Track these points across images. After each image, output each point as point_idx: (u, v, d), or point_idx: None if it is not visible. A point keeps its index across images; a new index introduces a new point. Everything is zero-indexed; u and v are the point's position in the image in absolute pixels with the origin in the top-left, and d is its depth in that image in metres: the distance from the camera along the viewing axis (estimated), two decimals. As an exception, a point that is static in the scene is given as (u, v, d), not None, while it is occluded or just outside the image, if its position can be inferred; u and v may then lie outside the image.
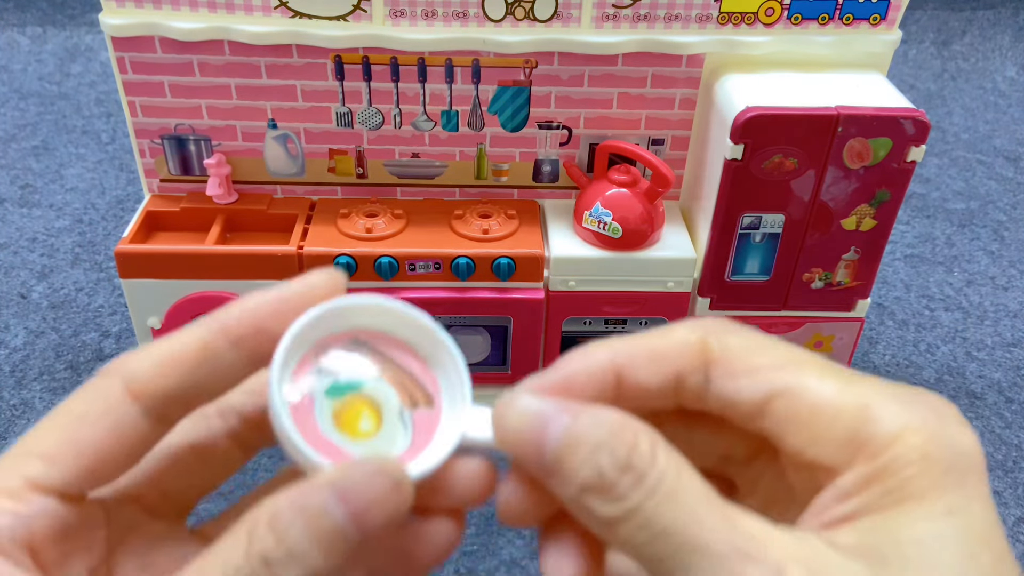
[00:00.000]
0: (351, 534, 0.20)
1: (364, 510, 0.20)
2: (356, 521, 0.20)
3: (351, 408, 0.23)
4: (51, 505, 0.22)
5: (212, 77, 0.55)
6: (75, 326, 0.69)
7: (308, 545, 0.20)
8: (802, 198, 0.53)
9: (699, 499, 0.20)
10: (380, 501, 0.20)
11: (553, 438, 0.21)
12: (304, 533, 0.20)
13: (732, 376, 0.22)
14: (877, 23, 0.54)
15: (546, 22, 0.53)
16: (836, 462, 0.20)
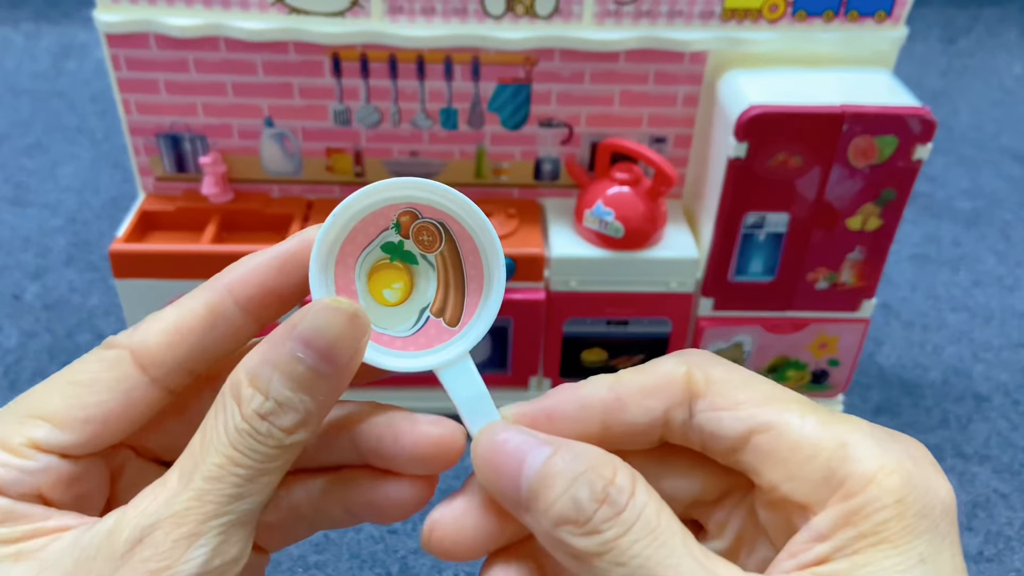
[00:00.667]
0: (326, 371, 0.21)
1: (329, 347, 0.21)
2: (326, 359, 0.21)
3: (390, 273, 0.24)
4: (54, 461, 0.23)
5: (207, 74, 0.54)
6: (69, 327, 0.68)
7: (291, 393, 0.21)
8: (807, 197, 0.52)
9: (675, 539, 0.20)
10: (341, 336, 0.22)
11: (530, 470, 0.21)
12: (284, 383, 0.21)
13: (715, 409, 0.22)
14: (883, 19, 0.54)
15: (547, 19, 0.53)
16: (812, 500, 0.21)
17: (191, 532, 0.20)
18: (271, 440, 0.21)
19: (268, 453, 0.21)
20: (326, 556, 0.52)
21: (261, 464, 0.21)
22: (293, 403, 0.21)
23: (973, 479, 0.58)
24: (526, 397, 0.61)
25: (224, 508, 0.21)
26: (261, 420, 0.21)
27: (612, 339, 0.59)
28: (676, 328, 0.58)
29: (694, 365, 0.23)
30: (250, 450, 0.21)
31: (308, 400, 0.21)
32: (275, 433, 0.21)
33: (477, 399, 0.24)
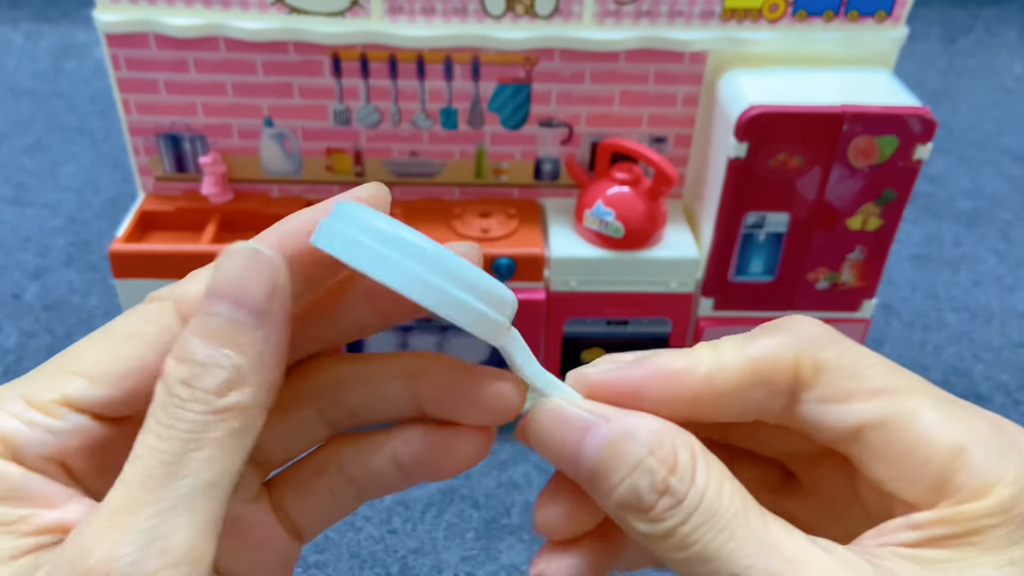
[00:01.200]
0: (244, 319, 0.20)
1: (238, 292, 0.20)
2: (239, 305, 0.20)
3: None
4: (84, 423, 0.21)
5: (207, 74, 0.54)
6: (68, 327, 0.68)
7: (212, 350, 0.19)
8: (807, 197, 0.52)
9: (737, 520, 0.19)
10: (246, 276, 0.20)
11: (589, 453, 0.20)
12: (204, 343, 0.19)
13: (823, 401, 0.21)
14: (883, 19, 0.54)
15: (547, 18, 0.53)
16: (919, 501, 0.20)
17: (119, 526, 0.18)
18: (196, 404, 0.19)
19: (196, 420, 0.19)
20: (326, 556, 0.52)
21: (190, 435, 0.19)
22: (217, 360, 0.19)
23: (973, 479, 0.58)
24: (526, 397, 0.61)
25: (155, 492, 0.19)
26: (185, 386, 0.19)
27: (612, 339, 0.59)
28: (676, 328, 0.58)
29: (804, 350, 0.21)
30: (175, 420, 0.19)
31: (233, 355, 0.20)
32: (199, 396, 0.19)
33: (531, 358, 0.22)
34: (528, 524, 0.55)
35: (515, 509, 0.55)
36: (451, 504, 0.55)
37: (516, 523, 0.55)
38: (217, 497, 0.19)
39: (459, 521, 0.55)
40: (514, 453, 0.59)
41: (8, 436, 0.20)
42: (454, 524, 0.54)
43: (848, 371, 0.21)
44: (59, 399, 0.21)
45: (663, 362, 0.21)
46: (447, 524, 0.54)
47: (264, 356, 0.20)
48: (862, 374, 0.21)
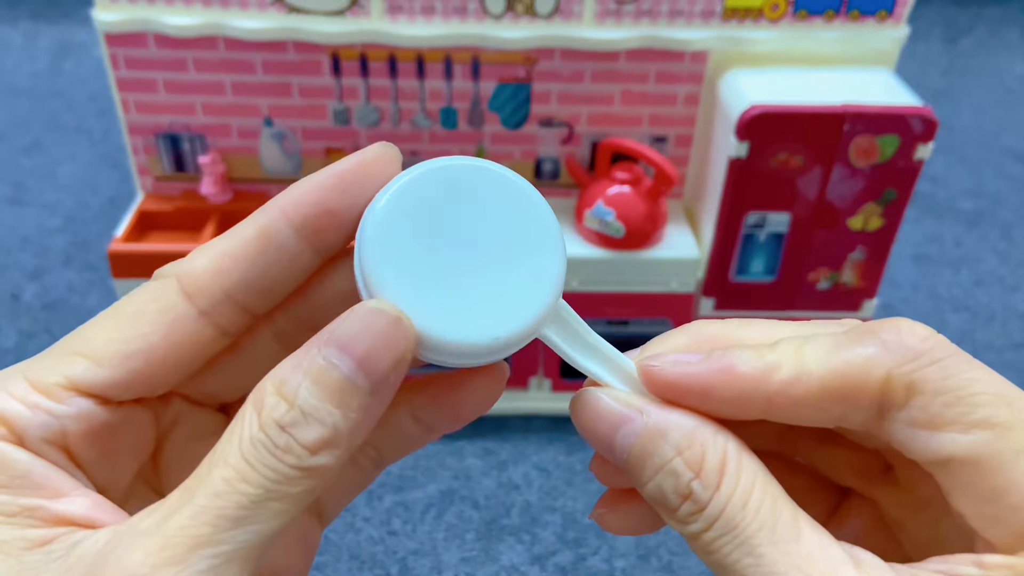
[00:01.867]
0: (361, 383, 0.19)
1: (367, 355, 0.19)
2: (363, 369, 0.19)
3: None
4: (88, 407, 0.20)
5: (206, 74, 0.54)
6: (67, 327, 0.67)
7: (319, 403, 0.18)
8: (808, 197, 0.52)
9: (762, 535, 0.18)
10: (383, 344, 0.19)
11: (621, 447, 0.20)
12: (313, 391, 0.18)
13: (912, 425, 0.19)
14: (884, 19, 0.53)
15: (547, 18, 0.52)
16: (999, 543, 0.18)
17: (175, 558, 0.17)
18: (289, 456, 0.18)
19: (284, 472, 0.18)
20: (326, 557, 0.52)
21: (274, 484, 0.18)
22: (320, 415, 0.18)
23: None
24: (526, 397, 0.61)
25: (221, 534, 0.18)
26: (281, 431, 0.18)
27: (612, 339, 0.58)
28: (677, 328, 0.58)
29: (898, 367, 0.19)
30: (263, 464, 0.18)
31: (338, 415, 0.19)
32: (295, 448, 0.18)
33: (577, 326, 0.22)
34: (527, 525, 0.55)
35: (515, 510, 0.55)
36: (451, 505, 0.55)
37: (516, 523, 0.55)
38: (272, 547, 0.19)
39: (459, 522, 0.54)
40: (515, 453, 0.59)
41: (11, 418, 0.19)
42: (454, 525, 0.54)
43: (948, 396, 0.18)
44: (63, 381, 0.20)
45: (737, 363, 0.20)
46: (447, 525, 0.54)
47: (362, 425, 0.19)
48: (964, 401, 0.18)
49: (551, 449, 0.59)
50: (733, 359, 0.20)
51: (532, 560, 0.53)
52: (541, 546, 0.53)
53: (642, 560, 0.52)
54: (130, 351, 0.20)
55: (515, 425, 0.61)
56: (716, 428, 0.20)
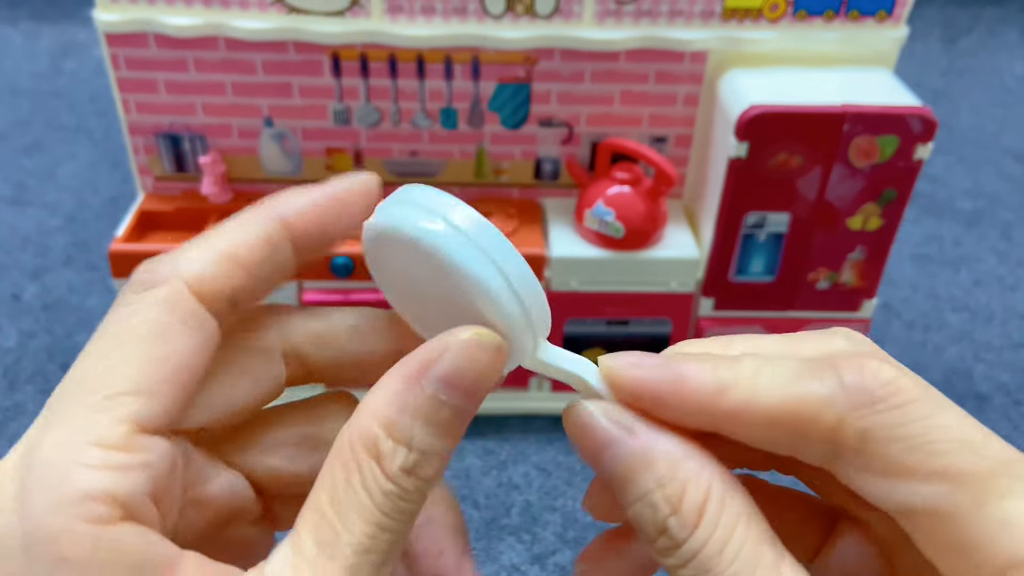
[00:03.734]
0: (471, 409, 0.19)
1: (475, 387, 0.19)
2: (471, 398, 0.19)
3: None
4: (161, 446, 0.18)
5: (207, 74, 0.54)
6: (68, 327, 0.68)
7: (435, 439, 0.19)
8: (807, 197, 0.52)
9: None
10: (488, 374, 0.19)
11: (606, 467, 0.20)
12: (428, 431, 0.18)
13: (867, 471, 0.18)
14: (884, 19, 0.54)
15: (547, 18, 0.53)
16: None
17: None
18: (419, 495, 0.19)
19: (414, 511, 0.19)
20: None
21: (407, 524, 0.19)
22: (436, 450, 0.19)
23: (974, 479, 0.58)
24: (526, 397, 0.61)
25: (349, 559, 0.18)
26: (408, 476, 0.18)
27: (612, 339, 0.59)
28: (676, 328, 0.58)
29: (852, 411, 0.18)
30: (399, 512, 0.18)
31: (450, 444, 0.19)
32: (421, 487, 0.19)
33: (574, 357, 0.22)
34: (528, 524, 0.55)
35: (515, 509, 0.55)
36: (451, 504, 0.55)
37: (516, 523, 0.55)
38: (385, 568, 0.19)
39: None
40: (514, 453, 0.59)
41: (113, 493, 0.17)
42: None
43: (906, 443, 0.17)
44: (129, 428, 0.18)
45: (689, 374, 0.19)
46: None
47: (456, 441, 0.19)
48: (923, 448, 0.17)
49: (551, 449, 0.59)
50: (685, 370, 0.19)
51: (532, 560, 0.53)
52: (541, 546, 0.53)
53: (642, 559, 0.52)
54: (169, 374, 0.19)
55: (515, 425, 0.62)
56: (704, 460, 0.19)
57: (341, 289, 0.55)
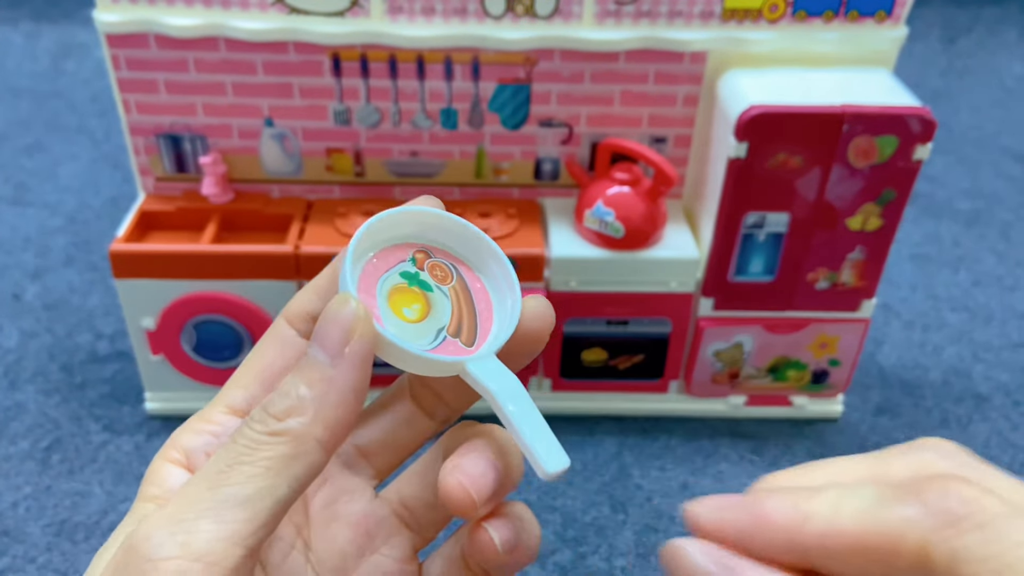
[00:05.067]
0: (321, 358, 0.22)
1: (321, 336, 0.23)
2: (319, 343, 0.23)
3: (408, 295, 0.26)
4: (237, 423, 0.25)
5: (207, 74, 0.54)
6: (69, 327, 0.68)
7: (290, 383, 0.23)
8: (807, 197, 0.52)
9: None
10: (334, 320, 0.23)
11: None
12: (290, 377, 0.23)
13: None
14: (883, 19, 0.54)
15: (547, 19, 0.53)
16: None
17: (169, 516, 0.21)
18: (258, 425, 0.22)
19: (254, 437, 0.22)
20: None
21: (245, 448, 0.22)
22: (288, 390, 0.22)
23: (973, 479, 0.58)
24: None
25: (201, 495, 0.21)
26: (259, 409, 0.23)
27: (612, 339, 0.59)
28: (676, 328, 0.58)
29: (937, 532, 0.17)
30: (239, 435, 0.22)
31: (302, 387, 0.22)
32: (263, 417, 0.22)
33: (513, 387, 0.24)
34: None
35: (515, 509, 0.55)
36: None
37: (516, 523, 0.55)
38: (252, 513, 0.21)
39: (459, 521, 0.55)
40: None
41: (183, 444, 0.25)
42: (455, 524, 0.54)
43: (993, 564, 0.17)
44: (223, 408, 0.25)
45: (771, 510, 0.20)
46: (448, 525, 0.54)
47: (329, 395, 0.22)
48: (1012, 567, 0.17)
49: (551, 448, 0.59)
50: (767, 507, 0.20)
51: (532, 559, 0.53)
52: (541, 545, 0.53)
53: (642, 559, 0.52)
54: (257, 373, 0.26)
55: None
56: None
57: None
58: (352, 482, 0.28)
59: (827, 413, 0.63)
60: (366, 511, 0.28)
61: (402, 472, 0.29)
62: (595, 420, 0.62)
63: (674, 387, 0.62)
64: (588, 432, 0.61)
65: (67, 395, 0.62)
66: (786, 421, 0.63)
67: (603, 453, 0.59)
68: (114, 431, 0.59)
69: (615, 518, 0.55)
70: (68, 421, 0.60)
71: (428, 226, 0.27)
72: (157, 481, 0.24)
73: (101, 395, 0.62)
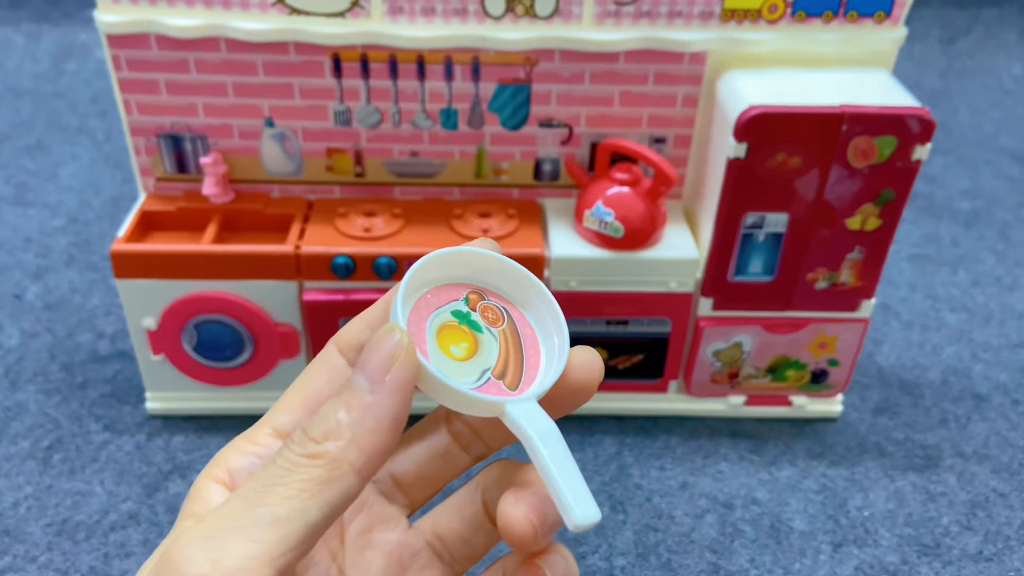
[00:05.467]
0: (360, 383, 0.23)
1: (363, 362, 0.23)
2: (361, 371, 0.23)
3: (457, 334, 0.26)
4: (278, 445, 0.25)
5: (208, 75, 0.54)
6: (70, 327, 0.68)
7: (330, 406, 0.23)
8: (806, 197, 0.52)
9: None
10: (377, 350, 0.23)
11: None
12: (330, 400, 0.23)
13: None
14: (882, 20, 0.54)
15: (547, 19, 0.53)
16: None
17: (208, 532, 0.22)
18: (297, 447, 0.22)
19: (291, 459, 0.22)
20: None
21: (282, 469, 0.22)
22: (328, 414, 0.23)
23: (972, 479, 0.58)
24: (526, 397, 0.61)
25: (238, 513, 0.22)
26: (300, 431, 0.23)
27: (612, 339, 0.59)
28: (676, 328, 0.58)
29: None
30: (278, 455, 0.23)
31: (342, 412, 0.23)
32: (302, 439, 0.23)
33: (551, 433, 0.25)
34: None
35: (515, 508, 0.56)
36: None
37: (516, 522, 0.55)
38: (282, 535, 0.21)
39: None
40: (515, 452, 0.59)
41: (229, 465, 0.25)
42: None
43: None
44: (268, 431, 0.26)
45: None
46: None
47: (366, 421, 0.22)
48: None
49: (551, 448, 0.59)
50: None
51: (532, 558, 0.53)
52: (541, 544, 0.53)
53: (641, 559, 0.52)
54: (305, 399, 0.26)
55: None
56: None
57: (342, 289, 0.55)
58: (388, 511, 0.28)
59: (826, 413, 0.63)
60: (401, 541, 0.28)
61: (437, 504, 0.30)
62: (595, 420, 0.62)
63: (674, 387, 0.62)
64: (588, 431, 0.61)
65: (68, 395, 0.62)
66: (785, 421, 0.63)
67: (603, 453, 0.59)
68: (115, 431, 0.59)
69: (615, 518, 0.55)
70: (69, 421, 0.60)
71: (483, 268, 0.28)
72: (200, 499, 0.25)
73: (102, 395, 0.62)
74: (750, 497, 0.56)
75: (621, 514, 0.55)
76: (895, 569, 0.52)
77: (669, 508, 0.55)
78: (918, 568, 0.52)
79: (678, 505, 0.56)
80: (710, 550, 0.53)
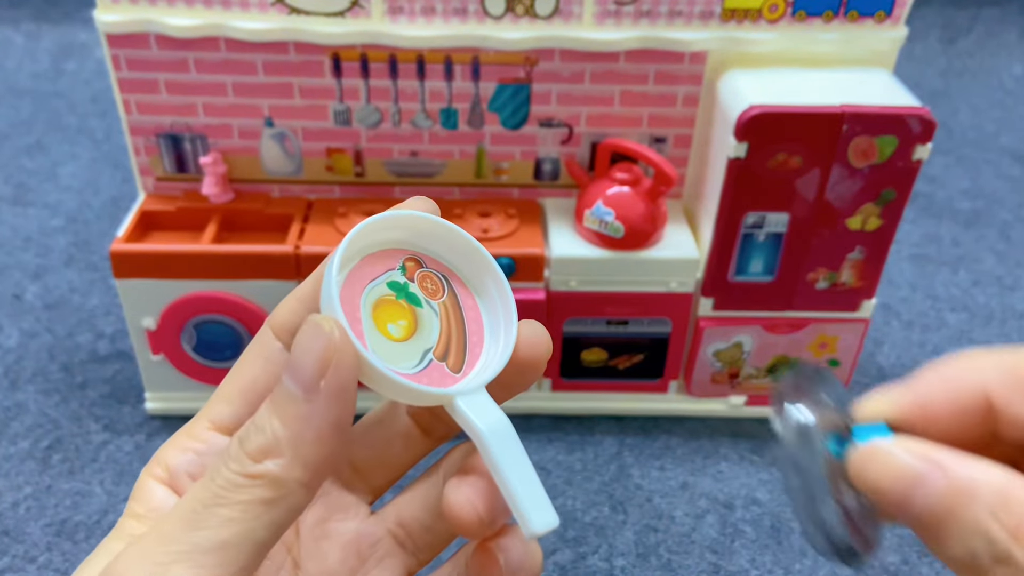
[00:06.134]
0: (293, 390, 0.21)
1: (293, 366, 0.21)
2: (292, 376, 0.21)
3: (394, 309, 0.24)
4: (224, 441, 0.24)
5: (208, 74, 0.54)
6: (69, 327, 0.68)
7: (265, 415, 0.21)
8: (806, 197, 0.52)
9: None
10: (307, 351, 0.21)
11: (922, 505, 0.19)
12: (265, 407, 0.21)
13: None
14: (882, 19, 0.54)
15: (547, 19, 0.53)
16: None
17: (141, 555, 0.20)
18: (234, 464, 0.20)
19: (229, 478, 0.20)
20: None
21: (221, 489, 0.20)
22: (263, 426, 0.20)
23: (973, 479, 0.58)
24: (526, 397, 0.61)
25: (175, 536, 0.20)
26: (236, 442, 0.21)
27: (612, 339, 0.59)
28: (676, 328, 0.58)
29: None
30: (216, 473, 0.21)
31: (276, 424, 0.20)
32: (239, 456, 0.20)
33: (503, 430, 0.23)
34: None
35: (515, 509, 0.56)
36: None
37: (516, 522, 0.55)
38: (228, 558, 0.20)
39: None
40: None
41: (168, 462, 0.24)
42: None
43: None
44: (208, 424, 0.24)
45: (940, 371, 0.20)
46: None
47: (305, 433, 0.20)
48: None
49: (551, 448, 0.59)
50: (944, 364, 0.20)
51: (532, 558, 0.53)
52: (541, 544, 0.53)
53: (642, 559, 0.52)
54: (241, 388, 0.24)
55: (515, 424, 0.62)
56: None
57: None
58: (346, 500, 0.27)
59: (827, 413, 0.63)
60: (359, 530, 0.27)
61: (401, 492, 0.29)
62: (595, 420, 0.62)
63: (674, 387, 0.62)
64: (588, 432, 0.61)
65: (67, 395, 0.62)
66: (786, 421, 0.63)
67: (603, 453, 0.59)
68: (114, 431, 0.59)
69: (615, 518, 0.55)
70: (68, 421, 0.60)
71: (421, 232, 0.25)
72: (142, 498, 0.23)
73: (101, 395, 0.62)
74: (751, 497, 0.56)
75: (621, 514, 0.55)
76: (895, 569, 0.52)
77: (669, 508, 0.55)
78: (918, 568, 0.52)
79: (678, 505, 0.56)
80: (710, 550, 0.53)
